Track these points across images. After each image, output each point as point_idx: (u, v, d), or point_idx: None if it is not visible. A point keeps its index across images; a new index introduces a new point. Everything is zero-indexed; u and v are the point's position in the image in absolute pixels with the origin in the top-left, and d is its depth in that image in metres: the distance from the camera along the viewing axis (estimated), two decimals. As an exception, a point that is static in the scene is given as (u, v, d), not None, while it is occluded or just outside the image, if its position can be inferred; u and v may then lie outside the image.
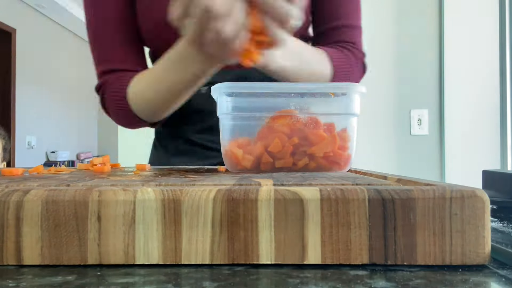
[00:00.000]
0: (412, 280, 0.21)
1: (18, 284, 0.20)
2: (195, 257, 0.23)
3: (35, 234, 0.23)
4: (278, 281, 0.21)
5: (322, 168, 0.44)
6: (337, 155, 0.43)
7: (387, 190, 0.23)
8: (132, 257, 0.23)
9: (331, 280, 0.21)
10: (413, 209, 0.23)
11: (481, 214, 0.23)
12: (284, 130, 0.43)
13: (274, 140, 0.42)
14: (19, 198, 0.23)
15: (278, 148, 0.42)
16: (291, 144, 0.42)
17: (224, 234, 0.23)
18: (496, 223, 0.36)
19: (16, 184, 0.28)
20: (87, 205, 0.23)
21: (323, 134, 0.43)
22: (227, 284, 0.20)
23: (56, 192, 0.24)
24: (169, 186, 0.26)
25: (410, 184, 0.28)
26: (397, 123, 1.88)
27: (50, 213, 0.23)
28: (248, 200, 0.23)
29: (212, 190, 0.24)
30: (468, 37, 1.83)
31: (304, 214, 0.23)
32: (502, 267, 0.23)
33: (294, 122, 0.43)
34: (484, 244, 0.23)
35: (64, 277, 0.21)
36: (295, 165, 0.43)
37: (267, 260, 0.23)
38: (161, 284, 0.20)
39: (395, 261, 0.23)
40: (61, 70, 4.95)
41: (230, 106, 0.44)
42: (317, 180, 0.30)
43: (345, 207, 0.23)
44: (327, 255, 0.23)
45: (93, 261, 0.23)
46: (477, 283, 0.21)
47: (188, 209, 0.23)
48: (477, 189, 0.24)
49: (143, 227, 0.23)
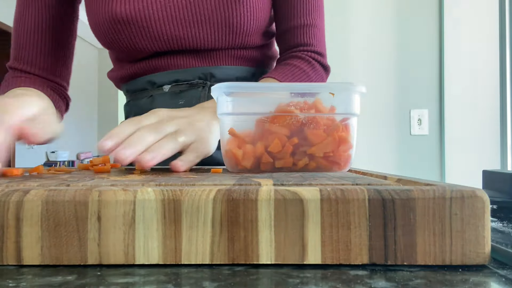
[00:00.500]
0: (412, 280, 0.21)
1: (18, 284, 0.20)
2: (195, 257, 0.23)
3: (35, 234, 0.23)
4: (278, 281, 0.21)
5: (322, 168, 0.44)
6: (337, 155, 0.43)
7: (387, 190, 0.23)
8: (132, 257, 0.23)
9: (331, 280, 0.21)
10: (413, 209, 0.23)
11: (481, 214, 0.23)
12: (284, 130, 0.43)
13: (274, 141, 0.42)
14: (19, 198, 0.23)
15: (278, 148, 0.42)
16: (291, 144, 0.42)
17: (224, 234, 0.23)
18: (496, 223, 0.37)
19: (16, 184, 0.28)
20: (87, 205, 0.23)
21: (322, 134, 0.43)
22: (227, 284, 0.20)
23: (56, 192, 0.24)
24: (169, 186, 0.26)
25: (410, 184, 0.28)
26: (397, 123, 1.88)
27: (50, 213, 0.23)
28: (248, 200, 0.23)
29: (212, 190, 0.24)
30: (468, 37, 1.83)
31: (304, 214, 0.23)
32: (502, 267, 0.23)
33: (294, 122, 0.43)
34: (484, 244, 0.23)
35: (64, 277, 0.21)
36: (295, 165, 0.43)
37: (267, 260, 0.23)
38: (161, 284, 0.20)
39: (395, 261, 0.23)
40: (61, 70, 4.94)
41: (230, 106, 0.43)
42: (317, 180, 0.30)
43: (345, 207, 0.23)
44: (327, 255, 0.23)
45: (93, 261, 0.23)
46: (477, 283, 0.21)
47: (188, 209, 0.23)
48: (477, 189, 0.24)
49: (143, 227, 0.23)
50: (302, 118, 0.43)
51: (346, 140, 0.43)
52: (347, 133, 0.43)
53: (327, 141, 0.43)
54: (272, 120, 0.43)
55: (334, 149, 0.43)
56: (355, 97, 0.44)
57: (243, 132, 0.44)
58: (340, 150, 0.43)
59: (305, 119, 0.43)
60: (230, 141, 0.44)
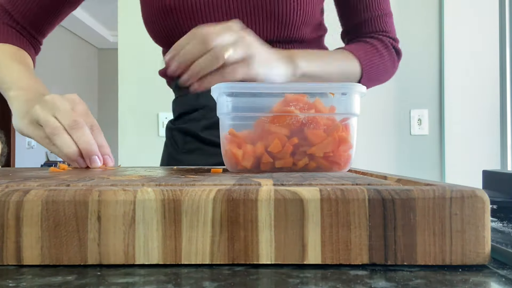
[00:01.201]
0: (412, 280, 0.21)
1: (18, 284, 0.20)
2: (195, 257, 0.23)
3: (35, 234, 0.23)
4: (278, 281, 0.21)
5: (322, 168, 0.44)
6: (337, 155, 0.43)
7: (387, 190, 0.23)
8: (132, 257, 0.23)
9: (331, 280, 0.21)
10: (413, 209, 0.23)
11: (481, 214, 0.23)
12: (284, 130, 0.43)
13: (274, 141, 0.42)
14: (19, 198, 0.23)
15: (278, 148, 0.42)
16: (291, 144, 0.42)
17: (224, 234, 0.23)
18: (496, 223, 0.37)
19: (16, 184, 0.28)
20: (87, 205, 0.23)
21: (322, 134, 0.43)
22: (227, 284, 0.20)
23: (56, 192, 0.24)
24: (169, 186, 0.26)
25: (410, 184, 0.28)
26: (397, 123, 1.88)
27: (50, 213, 0.23)
28: (248, 200, 0.23)
29: (212, 190, 0.24)
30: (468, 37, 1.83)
31: (304, 214, 0.23)
32: (502, 267, 0.23)
33: (294, 122, 0.43)
34: (484, 244, 0.23)
35: (64, 277, 0.21)
36: (295, 165, 0.43)
37: (267, 260, 0.23)
38: (161, 284, 0.21)
39: (395, 261, 0.23)
40: (61, 70, 4.95)
41: (230, 106, 0.44)
42: (317, 180, 0.30)
43: (345, 207, 0.23)
44: (327, 255, 0.23)
45: (93, 261, 0.23)
46: (477, 283, 0.21)
47: (188, 209, 0.23)
48: (477, 189, 0.24)
49: (143, 227, 0.23)
50: (302, 118, 0.43)
51: (346, 140, 0.43)
52: (347, 133, 0.43)
53: (327, 141, 0.43)
54: (272, 120, 0.43)
55: (334, 149, 0.43)
56: (355, 97, 0.44)
57: (243, 132, 0.44)
58: (340, 150, 0.43)
59: (305, 119, 0.43)
60: (230, 141, 0.44)
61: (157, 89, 1.77)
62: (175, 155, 0.78)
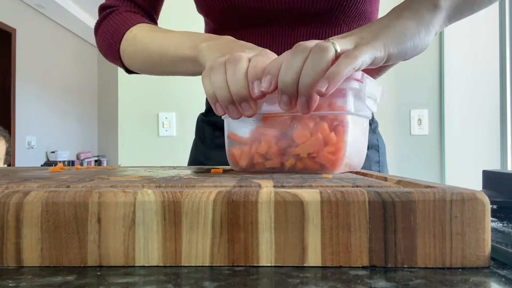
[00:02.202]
0: (412, 280, 0.21)
1: (18, 284, 0.20)
2: (195, 259, 0.23)
3: (35, 235, 0.23)
4: (278, 281, 0.21)
5: (309, 169, 0.41)
6: (321, 156, 0.40)
7: (387, 193, 0.23)
8: (132, 259, 0.23)
9: (331, 280, 0.21)
10: (413, 211, 0.23)
11: (481, 217, 0.23)
12: (272, 131, 0.42)
13: (262, 142, 0.43)
14: (19, 200, 0.23)
15: (265, 149, 0.42)
16: (277, 145, 0.42)
17: (224, 236, 0.23)
18: (496, 223, 0.37)
19: (16, 185, 0.28)
20: (87, 207, 0.23)
21: (306, 134, 0.41)
22: (227, 284, 0.20)
23: (56, 194, 0.24)
24: (169, 187, 0.26)
25: (410, 186, 0.28)
26: (397, 123, 1.88)
27: (50, 215, 0.23)
28: (248, 202, 0.23)
29: (212, 192, 0.24)
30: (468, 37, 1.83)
31: (304, 216, 0.23)
32: (502, 267, 0.23)
33: (281, 123, 0.42)
34: (484, 246, 0.23)
35: (64, 277, 0.21)
36: (283, 165, 0.42)
37: (267, 263, 0.23)
38: (161, 284, 0.21)
39: (395, 264, 0.23)
40: (61, 70, 4.95)
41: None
42: (317, 182, 0.30)
43: (345, 210, 0.23)
44: (327, 258, 0.23)
45: (93, 263, 0.23)
46: (477, 283, 0.21)
47: (188, 211, 0.23)
48: (477, 191, 0.24)
49: (143, 229, 0.23)
50: (289, 118, 0.42)
51: (332, 141, 0.40)
52: (338, 134, 0.40)
53: (310, 142, 0.40)
54: (263, 120, 0.43)
55: (318, 149, 0.40)
56: (348, 94, 0.40)
57: (244, 133, 0.45)
58: (325, 151, 0.40)
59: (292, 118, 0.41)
60: (231, 141, 0.46)
61: (157, 89, 1.77)
62: (204, 151, 0.75)
